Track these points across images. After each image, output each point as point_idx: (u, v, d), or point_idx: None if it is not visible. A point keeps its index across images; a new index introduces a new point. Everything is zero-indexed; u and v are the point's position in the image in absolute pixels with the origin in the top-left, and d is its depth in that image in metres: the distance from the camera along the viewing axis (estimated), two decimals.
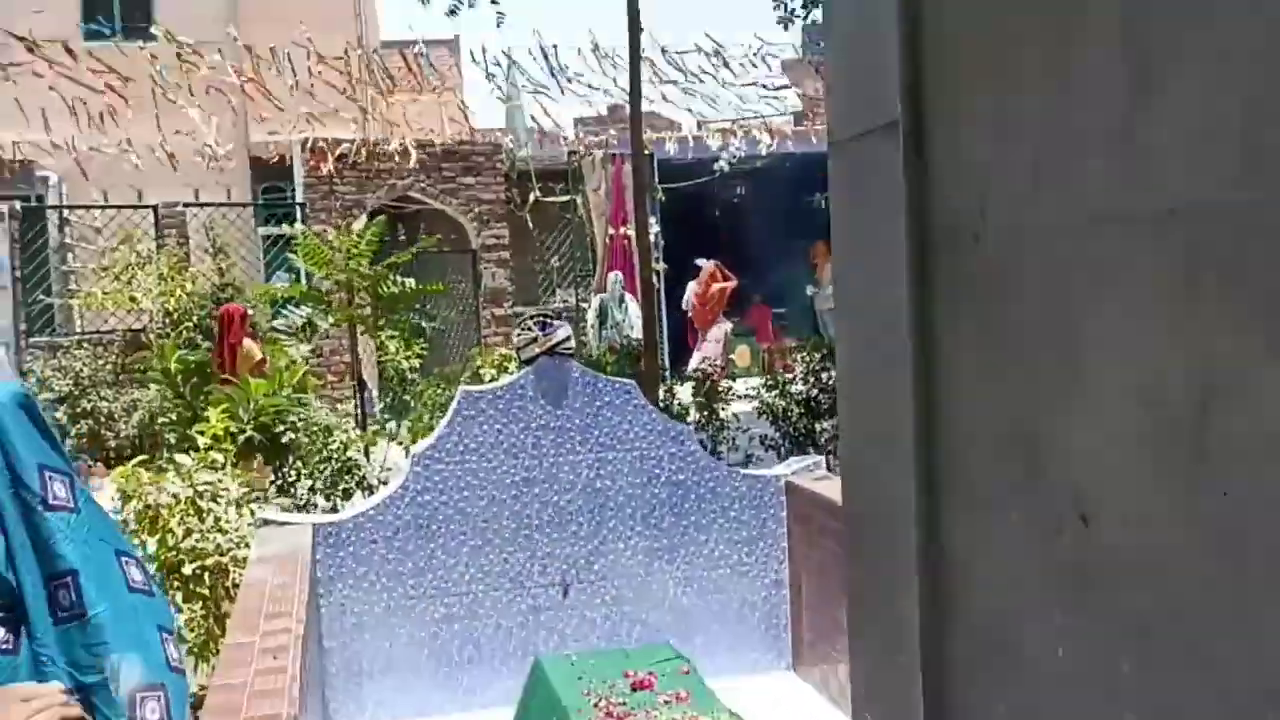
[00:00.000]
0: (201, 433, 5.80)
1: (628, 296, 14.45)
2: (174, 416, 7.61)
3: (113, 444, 11.64)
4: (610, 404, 5.94)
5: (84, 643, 1.80)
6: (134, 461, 5.86)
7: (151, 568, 5.44)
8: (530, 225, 15.88)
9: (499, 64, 15.88)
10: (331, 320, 8.38)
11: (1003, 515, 1.05)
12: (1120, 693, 0.91)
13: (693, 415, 10.01)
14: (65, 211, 14.77)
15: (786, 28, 11.56)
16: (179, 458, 5.71)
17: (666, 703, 4.31)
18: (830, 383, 10.90)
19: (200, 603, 5.49)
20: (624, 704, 4.29)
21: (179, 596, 5.47)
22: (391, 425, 7.38)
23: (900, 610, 1.18)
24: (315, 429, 6.07)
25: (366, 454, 6.36)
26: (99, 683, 1.80)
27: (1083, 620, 0.96)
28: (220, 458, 5.82)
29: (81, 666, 1.82)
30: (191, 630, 5.48)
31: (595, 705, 4.28)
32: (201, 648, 5.50)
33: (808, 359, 10.04)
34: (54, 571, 1.85)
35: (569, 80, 15.88)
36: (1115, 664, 0.91)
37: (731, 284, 15.75)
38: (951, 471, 1.12)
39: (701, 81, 16.52)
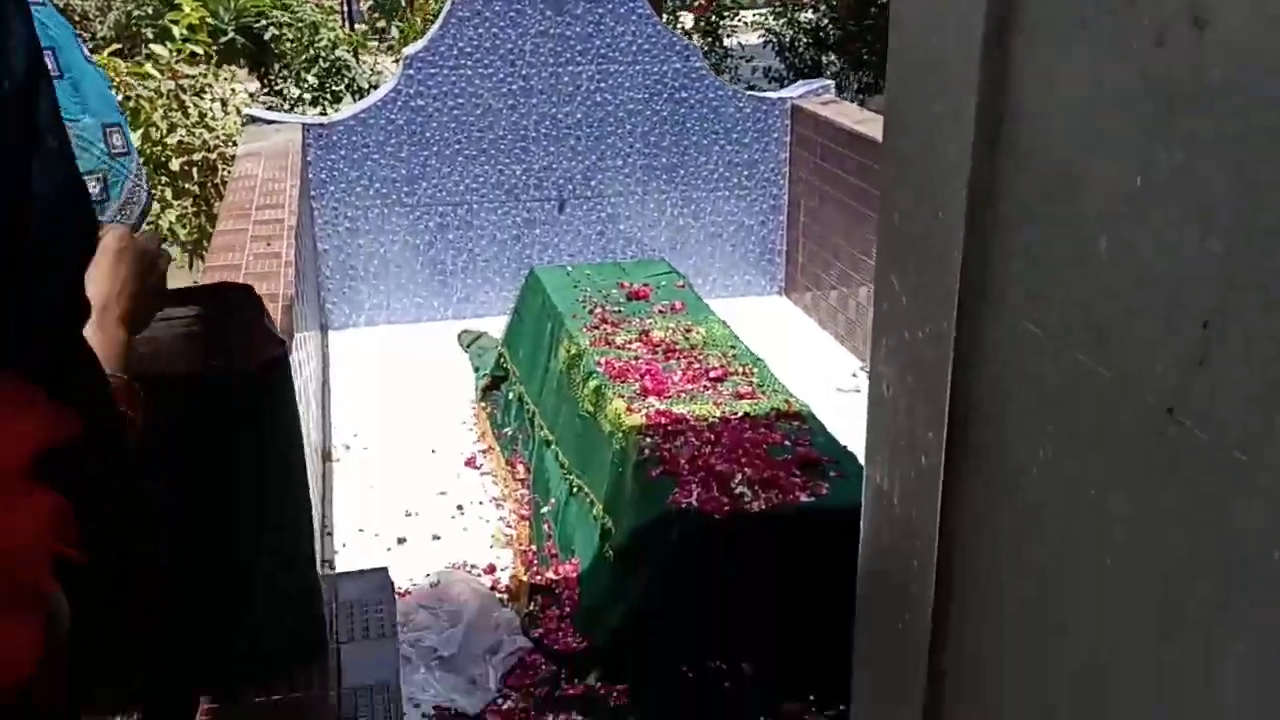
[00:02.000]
0: (175, 21, 5.47)
1: None
2: (150, 9, 7.18)
3: (90, 47, 11.16)
4: (614, 12, 5.59)
5: None
6: (108, 50, 5.57)
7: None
8: None
9: None
10: None
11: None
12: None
13: (696, 43, 9.57)
14: None
15: None
16: (155, 48, 5.41)
17: (661, 312, 4.34)
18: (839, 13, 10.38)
19: (190, 200, 5.42)
20: (619, 311, 4.33)
21: (168, 193, 5.39)
22: (381, 25, 6.99)
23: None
24: (301, 26, 5.73)
25: (356, 56, 6.06)
26: None
27: None
28: (200, 50, 5.53)
29: None
30: (183, 227, 5.44)
31: (590, 312, 4.31)
32: (195, 245, 5.49)
33: None
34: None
35: None
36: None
37: None
38: None
39: None
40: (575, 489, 3.66)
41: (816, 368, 5.15)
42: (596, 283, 4.65)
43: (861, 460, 3.29)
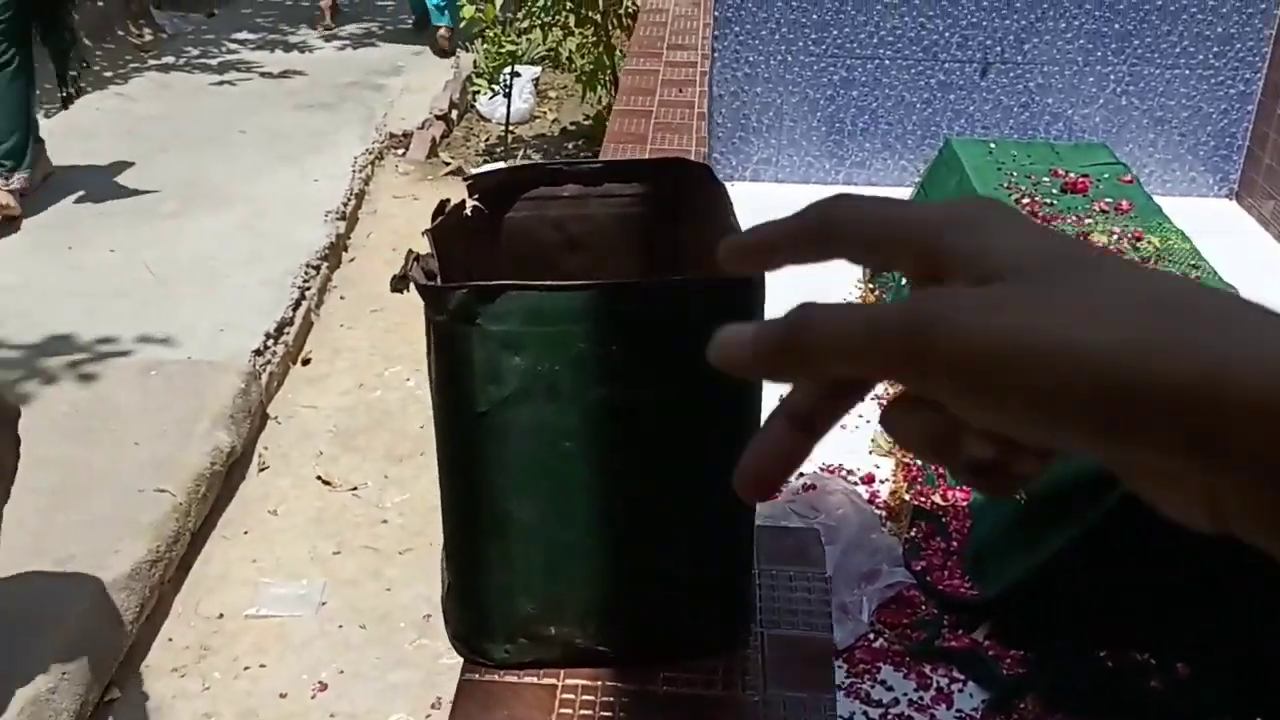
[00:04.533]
0: None
1: None
2: None
3: None
4: None
5: None
6: None
7: None
8: None
9: None
10: None
11: None
12: None
13: None
14: None
15: None
16: None
17: (1104, 212, 3.69)
18: None
19: (591, 29, 5.20)
20: (1052, 205, 3.71)
21: (570, 20, 5.19)
22: None
23: None
24: None
25: None
26: None
27: None
28: None
29: None
30: (582, 56, 5.25)
31: (1017, 201, 3.72)
32: (590, 76, 5.30)
33: None
34: None
35: None
36: None
37: None
38: None
39: None
40: None
41: (1272, 290, 4.29)
42: (1024, 165, 4.02)
43: None
